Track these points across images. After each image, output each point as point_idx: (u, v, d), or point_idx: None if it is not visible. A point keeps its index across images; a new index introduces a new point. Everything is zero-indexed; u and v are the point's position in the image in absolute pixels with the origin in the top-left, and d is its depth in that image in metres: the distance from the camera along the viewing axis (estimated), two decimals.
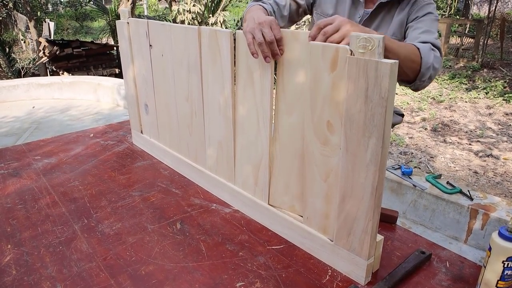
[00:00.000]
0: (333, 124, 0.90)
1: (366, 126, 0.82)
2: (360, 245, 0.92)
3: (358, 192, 0.88)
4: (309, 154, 0.98)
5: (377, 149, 0.81)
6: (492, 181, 3.56)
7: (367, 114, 0.81)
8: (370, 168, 0.84)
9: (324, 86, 0.89)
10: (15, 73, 8.24)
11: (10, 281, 0.96)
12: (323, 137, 0.94)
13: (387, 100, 0.77)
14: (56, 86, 5.57)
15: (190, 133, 1.40)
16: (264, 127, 1.10)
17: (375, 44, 0.75)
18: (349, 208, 0.91)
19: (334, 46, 0.85)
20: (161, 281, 0.96)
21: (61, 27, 14.38)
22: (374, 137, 0.81)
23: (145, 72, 1.56)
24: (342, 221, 0.94)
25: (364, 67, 0.78)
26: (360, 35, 0.78)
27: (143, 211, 1.26)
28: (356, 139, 0.85)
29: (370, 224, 0.88)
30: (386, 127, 0.79)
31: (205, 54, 1.21)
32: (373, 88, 0.78)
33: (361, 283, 0.95)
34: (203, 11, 7.07)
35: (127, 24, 1.57)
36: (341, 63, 0.84)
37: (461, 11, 12.93)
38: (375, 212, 0.87)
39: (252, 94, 1.10)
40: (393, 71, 0.75)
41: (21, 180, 1.48)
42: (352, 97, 0.83)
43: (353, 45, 0.80)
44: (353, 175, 0.88)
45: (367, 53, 0.77)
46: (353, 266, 0.95)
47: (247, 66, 1.09)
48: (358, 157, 0.85)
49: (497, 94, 6.09)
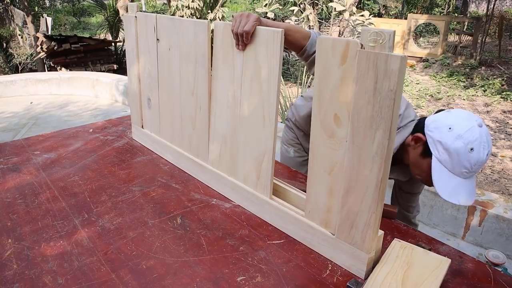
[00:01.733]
0: (340, 117, 0.91)
1: (374, 119, 0.83)
2: (362, 238, 0.92)
3: (363, 185, 0.89)
4: (315, 147, 0.99)
5: (383, 141, 0.82)
6: (489, 178, 3.57)
7: (375, 107, 0.82)
8: (376, 160, 0.85)
9: (333, 80, 0.90)
10: (13, 69, 8.20)
11: (11, 275, 0.96)
12: (330, 130, 0.94)
13: (395, 92, 0.78)
14: (54, 81, 5.55)
15: (194, 127, 1.41)
16: (269, 122, 1.11)
17: (386, 38, 0.77)
18: (352, 201, 0.92)
19: (345, 40, 0.86)
20: (162, 275, 0.96)
21: (58, 22, 14.29)
22: (381, 129, 0.82)
23: (150, 66, 1.56)
24: (344, 215, 0.95)
25: (374, 60, 0.80)
26: (371, 30, 0.79)
27: (143, 206, 1.26)
28: (363, 131, 0.86)
29: (373, 217, 0.89)
30: (394, 119, 0.81)
31: (217, 49, 1.21)
32: (382, 81, 0.80)
33: (361, 276, 0.95)
34: (202, 7, 7.05)
35: (134, 18, 1.57)
36: (351, 56, 0.85)
37: (460, 8, 12.95)
38: (378, 205, 0.88)
39: (259, 89, 1.11)
40: (403, 65, 0.77)
41: (20, 175, 1.48)
42: (361, 90, 0.84)
43: (364, 39, 0.81)
44: (359, 168, 0.89)
45: (378, 47, 0.79)
46: (354, 260, 0.96)
47: (255, 61, 1.09)
48: (364, 149, 0.86)
49: (494, 92, 6.10)
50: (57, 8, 15.78)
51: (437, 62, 7.97)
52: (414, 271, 0.91)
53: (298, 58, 1.35)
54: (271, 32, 1.03)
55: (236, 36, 1.10)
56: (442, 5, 12.84)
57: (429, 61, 8.11)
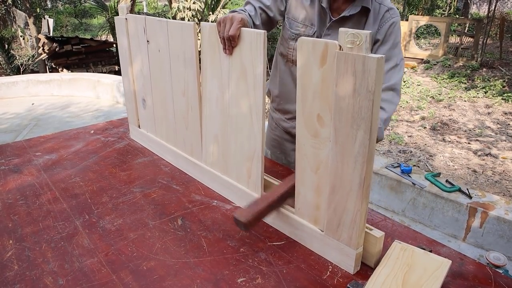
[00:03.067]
0: (323, 117, 0.93)
1: (354, 119, 0.84)
2: (349, 235, 0.95)
3: (347, 184, 0.91)
4: (300, 146, 1.00)
5: (364, 141, 0.84)
6: (490, 180, 3.57)
7: (355, 107, 0.83)
8: (358, 159, 0.86)
9: (314, 80, 0.92)
10: (14, 70, 8.22)
11: (12, 276, 0.96)
12: (313, 130, 0.96)
13: (373, 93, 0.79)
14: (55, 83, 5.56)
15: (186, 127, 1.42)
16: (257, 120, 1.12)
17: (363, 39, 0.78)
18: (338, 199, 0.94)
19: (323, 41, 0.87)
20: (163, 277, 0.96)
21: (60, 24, 14.33)
22: (361, 129, 0.84)
23: (143, 67, 1.58)
24: (332, 212, 0.97)
25: (352, 62, 0.81)
26: (348, 31, 0.80)
27: (144, 207, 1.27)
28: (345, 132, 0.87)
29: (359, 215, 0.91)
30: (373, 119, 0.82)
31: (204, 49, 1.23)
32: (361, 82, 0.81)
33: (350, 271, 0.97)
34: (203, 9, 7.06)
35: (125, 20, 1.58)
36: (330, 57, 0.86)
37: (461, 10, 12.94)
38: (363, 203, 0.90)
39: (245, 88, 1.13)
40: (380, 65, 0.78)
41: (22, 176, 1.48)
42: (340, 91, 0.85)
43: (342, 40, 0.82)
44: (342, 167, 0.90)
45: (355, 48, 0.80)
46: (343, 256, 0.98)
47: (241, 62, 1.11)
48: (346, 149, 0.88)
49: (496, 94, 6.09)
50: (58, 10, 15.81)
51: (438, 64, 7.96)
52: (415, 273, 0.91)
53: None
54: (254, 34, 1.05)
55: (222, 40, 1.12)
56: (443, 6, 12.84)
57: (430, 62, 8.10)
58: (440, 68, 7.78)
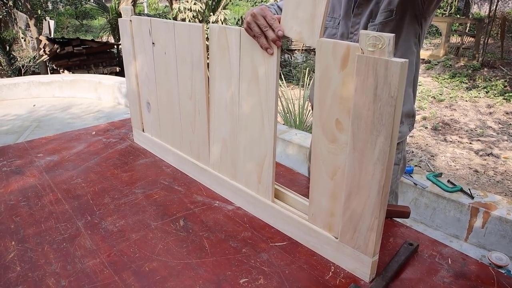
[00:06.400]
0: (342, 122, 0.90)
1: (374, 125, 0.81)
2: (365, 242, 0.92)
3: (365, 190, 0.88)
4: (317, 151, 0.98)
5: (385, 148, 0.81)
6: (492, 180, 3.56)
7: (376, 113, 0.80)
8: (378, 166, 0.83)
9: (334, 84, 0.89)
10: (16, 72, 8.24)
11: (14, 277, 0.96)
12: (332, 135, 0.93)
13: (396, 99, 0.76)
14: (56, 84, 5.57)
15: (193, 131, 1.40)
16: (268, 124, 1.10)
17: (385, 43, 0.74)
18: (355, 205, 0.92)
19: (345, 43, 0.84)
20: (165, 278, 0.96)
21: (61, 25, 14.36)
22: (382, 136, 0.80)
23: (147, 70, 1.56)
24: (347, 219, 0.95)
25: (373, 66, 0.77)
26: (370, 33, 0.76)
27: (146, 208, 1.27)
28: (364, 138, 0.84)
29: (376, 222, 0.88)
30: (395, 126, 0.79)
31: (213, 51, 1.21)
32: (382, 87, 0.77)
33: (365, 280, 0.95)
34: (204, 10, 7.07)
35: (129, 22, 1.57)
36: (352, 60, 0.83)
37: (462, 10, 12.92)
38: (381, 210, 0.87)
39: (256, 91, 1.10)
40: (403, 70, 0.75)
41: (24, 178, 1.48)
42: (360, 95, 0.82)
43: (363, 43, 0.78)
44: (360, 173, 0.88)
45: (377, 52, 0.76)
46: (358, 264, 0.96)
47: (252, 61, 1.09)
48: (365, 155, 0.85)
49: (497, 93, 6.09)
50: (59, 11, 15.85)
51: (439, 64, 7.96)
52: None
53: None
54: None
55: (265, 40, 1.00)
56: (444, 6, 12.82)
57: (431, 62, 8.10)
58: (441, 68, 7.78)
